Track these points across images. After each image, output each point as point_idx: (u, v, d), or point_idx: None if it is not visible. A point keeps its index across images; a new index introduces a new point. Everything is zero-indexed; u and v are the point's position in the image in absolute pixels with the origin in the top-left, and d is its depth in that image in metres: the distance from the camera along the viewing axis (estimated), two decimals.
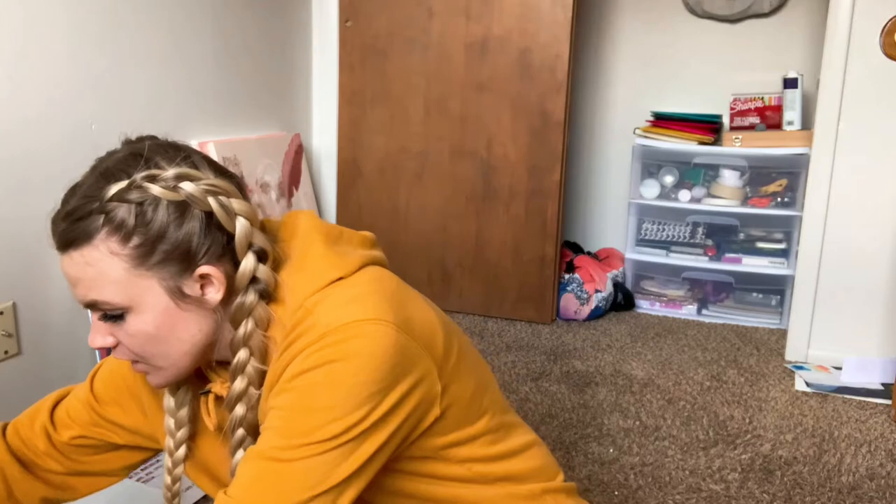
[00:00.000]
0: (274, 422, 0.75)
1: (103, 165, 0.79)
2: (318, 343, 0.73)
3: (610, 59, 3.11)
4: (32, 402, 1.73)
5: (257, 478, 0.73)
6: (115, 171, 0.76)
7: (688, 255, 2.82)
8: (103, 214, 0.74)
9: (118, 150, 0.81)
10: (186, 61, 2.13)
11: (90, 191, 0.76)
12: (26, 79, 1.65)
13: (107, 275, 0.75)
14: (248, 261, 0.77)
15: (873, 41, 2.15)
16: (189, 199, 0.74)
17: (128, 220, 0.74)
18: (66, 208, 0.77)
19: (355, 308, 0.76)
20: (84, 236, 0.75)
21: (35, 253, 1.72)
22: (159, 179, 0.74)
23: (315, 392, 0.73)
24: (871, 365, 2.26)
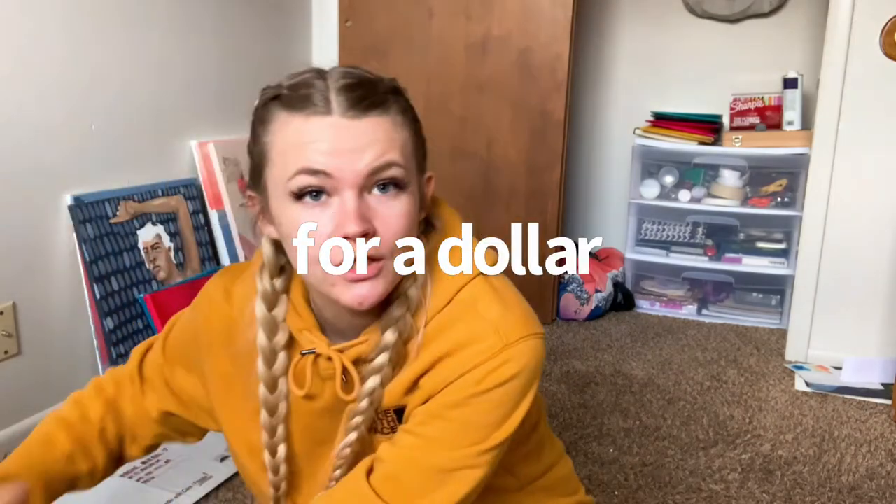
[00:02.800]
0: (437, 431, 0.76)
1: (336, 69, 0.78)
2: (498, 357, 0.75)
3: (610, 59, 3.11)
4: (32, 402, 1.74)
5: (422, 487, 0.76)
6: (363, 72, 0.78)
7: (688, 255, 2.82)
8: (393, 95, 0.76)
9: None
10: (186, 61, 2.14)
11: (362, 71, 0.77)
12: (26, 79, 1.66)
13: (401, 141, 0.74)
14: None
15: (873, 41, 2.15)
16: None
17: (406, 106, 0.77)
18: (346, 79, 0.74)
19: (518, 318, 0.78)
20: (385, 102, 0.74)
21: (35, 253, 1.72)
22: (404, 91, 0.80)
23: (491, 406, 0.75)
24: (871, 365, 2.26)
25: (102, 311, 1.78)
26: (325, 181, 0.71)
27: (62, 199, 1.77)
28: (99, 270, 1.79)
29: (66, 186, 1.77)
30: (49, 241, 1.75)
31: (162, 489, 1.54)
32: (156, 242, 1.98)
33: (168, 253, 2.01)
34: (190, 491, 1.54)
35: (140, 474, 1.59)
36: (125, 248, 1.88)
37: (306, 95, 0.73)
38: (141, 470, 1.61)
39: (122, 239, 1.87)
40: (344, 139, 0.71)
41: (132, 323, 1.85)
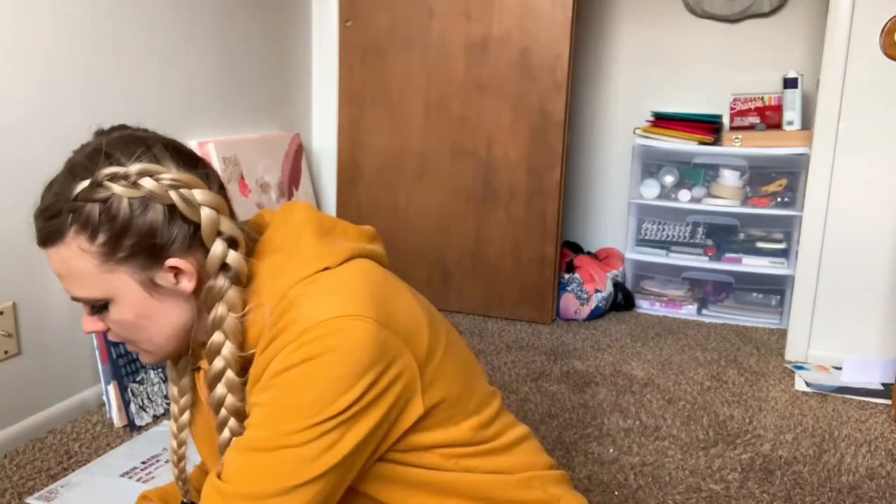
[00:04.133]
0: (256, 418, 0.78)
1: (72, 161, 0.81)
2: (298, 340, 0.76)
3: (610, 59, 3.11)
4: (32, 402, 1.74)
5: (244, 467, 0.77)
6: (80, 169, 0.78)
7: (688, 255, 2.82)
8: (71, 213, 0.77)
9: (89, 144, 0.82)
10: (186, 61, 2.13)
11: (60, 188, 0.78)
12: (26, 79, 1.66)
13: (81, 271, 0.78)
14: (217, 247, 0.79)
15: (873, 41, 2.15)
16: (150, 196, 0.76)
17: (93, 217, 0.76)
18: (41, 205, 0.79)
19: (335, 303, 0.77)
20: (56, 234, 0.78)
21: (35, 253, 1.71)
22: (119, 177, 0.76)
23: (295, 388, 0.76)
24: (871, 365, 2.26)
25: None
26: None
27: None
28: None
29: None
30: None
31: None
32: None
33: None
34: None
35: (140, 474, 1.59)
36: None
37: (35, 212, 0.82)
38: (141, 470, 1.61)
39: None
40: (51, 267, 0.81)
41: None
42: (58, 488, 1.53)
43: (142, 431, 1.79)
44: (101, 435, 1.77)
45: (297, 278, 0.81)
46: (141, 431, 1.79)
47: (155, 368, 1.89)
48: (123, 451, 1.69)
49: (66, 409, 1.82)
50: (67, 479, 1.57)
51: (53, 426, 1.78)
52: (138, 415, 1.81)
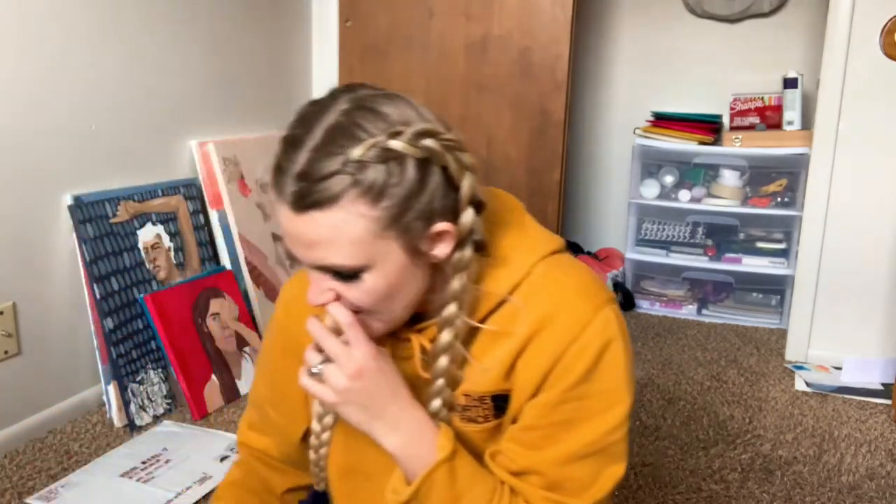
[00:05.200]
0: (576, 413, 0.78)
1: (331, 118, 0.69)
2: (593, 326, 0.77)
3: (610, 59, 3.11)
4: (32, 402, 1.74)
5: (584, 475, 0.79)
6: (349, 126, 0.69)
7: (688, 255, 2.82)
8: (351, 175, 0.68)
9: (337, 99, 0.71)
10: (186, 61, 2.13)
11: (328, 148, 0.68)
12: (26, 79, 1.66)
13: (351, 236, 0.70)
14: (469, 214, 0.74)
15: (873, 41, 2.15)
16: (431, 156, 0.70)
17: (377, 180, 0.68)
18: (299, 166, 0.68)
19: (600, 284, 0.81)
20: (331, 198, 0.68)
21: (35, 253, 1.72)
22: (403, 136, 0.69)
23: (607, 375, 0.78)
24: (871, 365, 2.26)
25: (102, 311, 1.78)
26: None
27: (62, 199, 1.77)
28: (99, 270, 1.79)
29: (66, 186, 1.77)
30: (49, 241, 1.75)
31: (162, 489, 1.54)
32: (156, 242, 1.98)
33: (168, 253, 2.01)
34: (190, 491, 1.54)
35: (140, 474, 1.59)
36: (125, 248, 1.88)
37: (277, 167, 0.71)
38: (141, 470, 1.61)
39: (122, 239, 1.87)
40: (292, 232, 0.72)
41: (132, 323, 1.85)
42: (58, 488, 1.53)
43: (142, 431, 1.79)
44: (101, 435, 1.77)
45: (537, 256, 0.80)
46: (141, 431, 1.79)
47: (155, 368, 1.89)
48: (123, 451, 1.69)
49: (66, 409, 1.82)
50: (67, 479, 1.57)
51: (53, 426, 1.78)
52: (138, 415, 1.81)
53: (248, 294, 2.20)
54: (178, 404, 1.92)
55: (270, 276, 2.32)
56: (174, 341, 1.88)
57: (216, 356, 1.99)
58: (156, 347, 1.90)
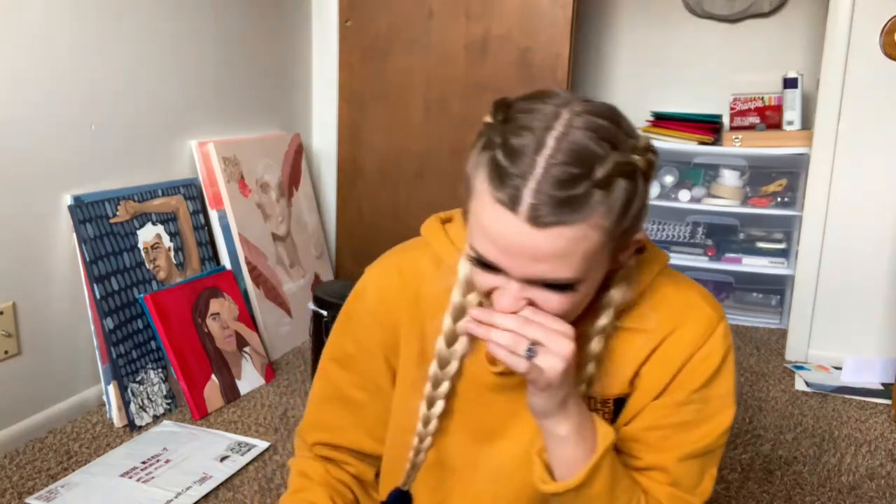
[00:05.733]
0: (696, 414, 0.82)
1: (560, 129, 0.67)
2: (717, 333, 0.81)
3: (610, 59, 3.11)
4: (32, 402, 1.74)
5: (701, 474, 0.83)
6: (593, 140, 0.67)
7: (688, 254, 2.82)
8: (602, 189, 0.66)
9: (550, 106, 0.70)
10: (186, 61, 2.13)
11: (574, 162, 0.66)
12: (26, 79, 1.65)
13: (586, 251, 0.68)
14: (644, 222, 0.75)
15: (873, 41, 2.15)
16: (652, 169, 0.71)
17: (622, 194, 0.67)
18: (543, 179, 0.65)
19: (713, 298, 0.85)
20: (580, 213, 0.66)
21: (35, 253, 1.72)
22: (638, 150, 0.69)
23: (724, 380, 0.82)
24: (871, 365, 2.26)
25: (102, 311, 1.78)
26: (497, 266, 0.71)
27: (62, 199, 1.77)
28: (99, 270, 1.79)
29: (66, 186, 1.77)
30: (49, 241, 1.75)
31: (162, 489, 1.54)
32: (156, 242, 1.98)
33: (168, 253, 2.01)
34: (190, 491, 1.54)
35: (140, 474, 1.59)
36: (125, 248, 1.88)
37: (506, 175, 0.67)
38: (141, 470, 1.61)
39: (122, 239, 1.87)
40: (522, 244, 0.67)
41: (132, 323, 1.85)
42: (58, 488, 1.53)
43: (142, 431, 1.79)
44: (101, 435, 1.77)
45: (658, 266, 0.83)
46: (141, 431, 1.79)
47: (155, 368, 1.89)
48: (123, 451, 1.69)
49: (66, 409, 1.82)
50: (67, 479, 1.57)
51: (53, 426, 1.78)
52: (138, 415, 1.81)
53: (248, 294, 2.20)
54: (178, 404, 1.92)
55: (270, 276, 2.32)
56: (174, 341, 1.88)
57: (216, 356, 1.99)
58: (156, 347, 1.90)
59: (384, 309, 0.91)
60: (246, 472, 1.63)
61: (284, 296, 2.37)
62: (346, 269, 2.81)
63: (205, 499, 1.53)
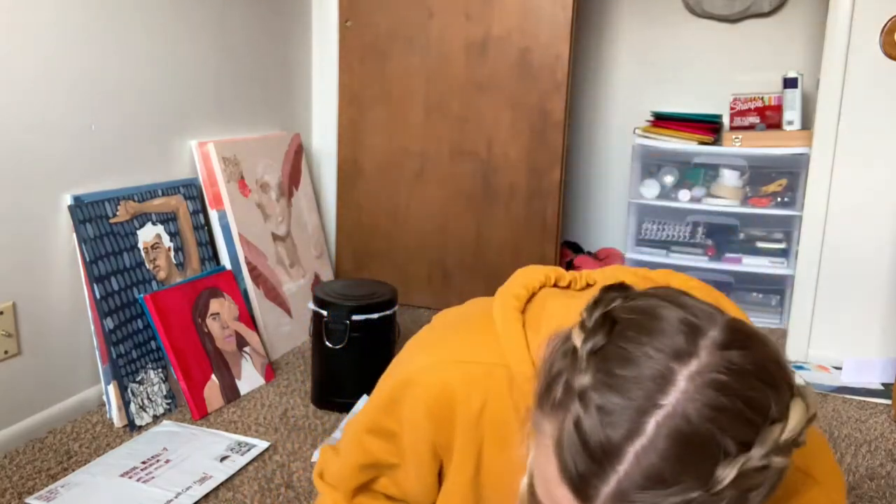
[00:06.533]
0: None
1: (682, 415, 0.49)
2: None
3: (610, 59, 3.11)
4: (32, 402, 1.74)
5: None
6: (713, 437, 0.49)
7: (688, 255, 2.82)
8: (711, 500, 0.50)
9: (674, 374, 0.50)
10: (186, 61, 2.13)
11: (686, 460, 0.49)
12: (26, 79, 1.66)
13: None
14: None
15: (873, 41, 2.15)
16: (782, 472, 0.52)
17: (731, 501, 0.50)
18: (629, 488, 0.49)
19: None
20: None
21: (35, 253, 1.72)
22: (778, 446, 0.50)
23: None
24: (871, 365, 2.26)
25: (102, 311, 1.78)
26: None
27: (62, 199, 1.77)
28: (99, 270, 1.79)
29: (66, 186, 1.77)
30: (49, 241, 1.75)
31: (162, 489, 1.54)
32: (156, 242, 1.98)
33: (168, 253, 2.01)
34: (190, 491, 1.54)
35: (140, 474, 1.59)
36: (125, 248, 1.88)
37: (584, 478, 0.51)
38: (141, 470, 1.61)
39: (122, 239, 1.87)
40: None
41: (132, 323, 1.85)
42: (58, 488, 1.53)
43: (142, 431, 1.79)
44: (101, 435, 1.77)
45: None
46: (141, 431, 1.79)
47: (155, 368, 1.89)
48: (123, 451, 1.69)
49: (66, 409, 1.82)
50: (67, 479, 1.57)
51: (53, 426, 1.78)
52: (138, 415, 1.81)
53: (248, 294, 2.20)
54: (178, 404, 1.92)
55: (270, 276, 2.32)
56: (174, 341, 1.88)
57: (216, 356, 1.99)
58: (156, 347, 1.90)
59: (440, 412, 0.79)
60: (246, 472, 1.63)
61: (284, 296, 2.37)
62: (346, 269, 2.81)
63: (205, 499, 1.53)
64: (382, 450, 0.88)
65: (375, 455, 0.89)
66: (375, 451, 0.89)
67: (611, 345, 0.52)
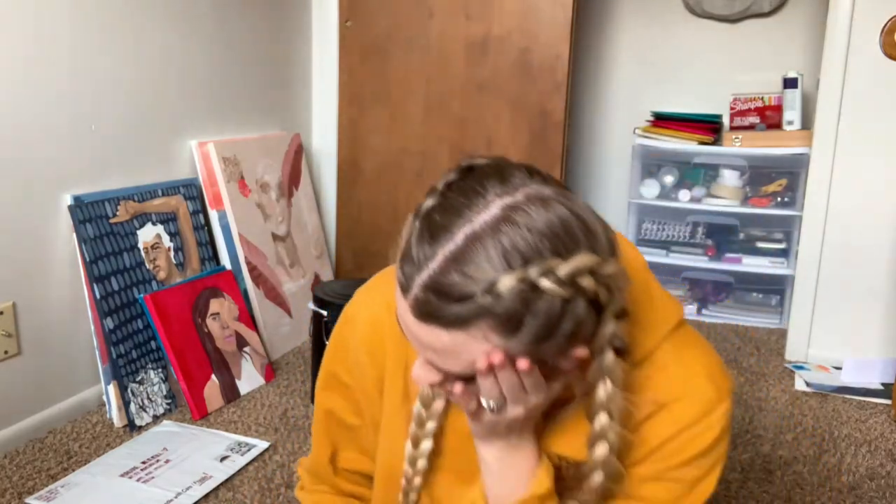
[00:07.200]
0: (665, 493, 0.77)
1: (477, 226, 0.61)
2: (714, 413, 0.75)
3: (610, 59, 3.11)
4: (32, 402, 1.74)
5: None
6: (496, 246, 0.60)
7: (688, 254, 2.82)
8: (485, 305, 0.60)
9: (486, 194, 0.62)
10: (186, 61, 2.13)
11: (466, 267, 0.60)
12: (26, 79, 1.65)
13: (472, 355, 0.63)
14: (610, 326, 0.67)
15: (873, 41, 2.15)
16: (582, 295, 0.62)
17: (515, 317, 0.61)
18: (430, 273, 0.61)
19: (725, 370, 0.79)
20: (458, 322, 0.61)
21: (35, 253, 1.72)
22: (553, 275, 0.60)
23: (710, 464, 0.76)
24: (871, 365, 2.26)
25: (102, 311, 1.78)
26: None
27: (62, 199, 1.77)
28: (99, 270, 1.79)
29: (66, 186, 1.77)
30: (49, 241, 1.75)
31: (162, 489, 1.54)
32: (156, 242, 1.98)
33: (168, 253, 2.01)
34: (190, 491, 1.54)
35: (140, 474, 1.59)
36: (125, 248, 1.88)
37: (409, 256, 0.63)
38: (141, 470, 1.61)
39: (122, 239, 1.87)
40: (407, 325, 0.65)
41: (132, 323, 1.85)
42: (58, 488, 1.53)
43: (142, 431, 1.79)
44: (101, 435, 1.77)
45: (663, 332, 0.77)
46: (141, 431, 1.79)
47: (155, 368, 1.89)
48: (123, 451, 1.69)
49: (66, 409, 1.82)
50: (67, 479, 1.57)
51: (53, 426, 1.78)
52: (138, 415, 1.81)
53: (248, 294, 2.20)
54: (178, 404, 1.92)
55: (270, 276, 2.32)
56: (174, 341, 1.88)
57: (216, 356, 1.99)
58: (156, 347, 1.90)
59: (376, 340, 0.86)
60: (246, 472, 1.63)
61: (284, 296, 2.37)
62: (346, 269, 2.81)
63: (205, 499, 1.53)
64: (341, 407, 0.93)
65: (337, 414, 0.93)
66: (336, 409, 0.93)
67: (460, 181, 0.65)
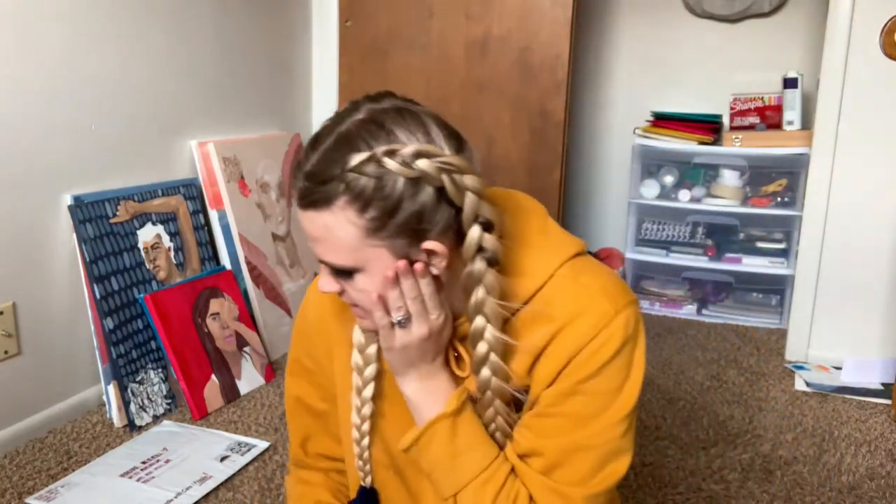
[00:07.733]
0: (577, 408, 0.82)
1: (345, 126, 0.76)
2: (612, 325, 0.81)
3: (610, 59, 3.11)
4: (32, 402, 1.74)
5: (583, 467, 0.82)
6: (355, 138, 0.75)
7: (688, 254, 2.82)
8: (344, 183, 0.74)
9: (359, 109, 0.77)
10: (186, 61, 2.13)
11: (332, 154, 0.75)
12: (26, 79, 1.66)
13: (341, 239, 0.76)
14: (474, 231, 0.78)
15: (873, 41, 2.15)
16: (422, 177, 0.74)
17: (366, 191, 0.74)
18: (310, 167, 0.75)
19: (622, 286, 0.85)
20: (325, 201, 0.75)
21: (35, 253, 1.72)
22: (398, 155, 0.73)
23: (617, 373, 0.82)
24: (871, 365, 2.26)
25: (102, 311, 1.78)
26: None
27: (62, 199, 1.77)
28: (99, 270, 1.79)
29: (66, 186, 1.77)
30: (49, 241, 1.75)
31: (162, 489, 1.54)
32: (156, 242, 1.98)
33: (168, 253, 2.01)
34: (190, 491, 1.54)
35: (140, 474, 1.59)
36: (125, 248, 1.88)
37: (294, 167, 0.77)
38: (141, 470, 1.61)
39: (122, 239, 1.87)
40: (302, 223, 0.79)
41: (132, 323, 1.85)
42: (58, 488, 1.53)
43: (142, 431, 1.79)
44: (101, 435, 1.77)
45: (559, 260, 0.84)
46: (141, 431, 1.79)
47: (155, 368, 1.89)
48: (123, 451, 1.69)
49: (66, 409, 1.82)
50: (67, 479, 1.57)
51: (53, 426, 1.78)
52: (138, 415, 1.81)
53: (248, 294, 2.20)
54: (178, 404, 1.92)
55: (270, 276, 2.32)
56: (174, 341, 1.88)
57: (216, 356, 1.99)
58: (156, 347, 1.90)
59: (323, 317, 0.96)
60: (246, 472, 1.63)
61: (284, 296, 2.37)
62: None
63: (205, 499, 1.53)
64: (307, 393, 1.01)
65: (305, 401, 1.02)
66: (303, 395, 1.02)
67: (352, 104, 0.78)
